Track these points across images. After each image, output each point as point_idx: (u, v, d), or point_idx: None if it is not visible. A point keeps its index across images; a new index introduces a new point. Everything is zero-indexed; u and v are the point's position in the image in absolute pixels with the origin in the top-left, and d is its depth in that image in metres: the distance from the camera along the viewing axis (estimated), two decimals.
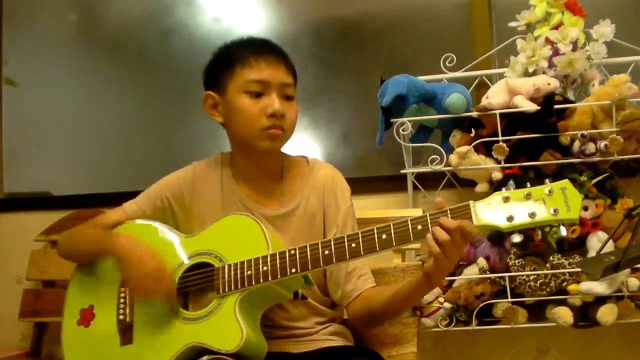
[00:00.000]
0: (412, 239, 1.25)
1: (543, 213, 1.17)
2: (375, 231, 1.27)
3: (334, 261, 1.30)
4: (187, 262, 1.42)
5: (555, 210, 1.16)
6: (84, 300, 1.49)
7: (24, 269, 2.50)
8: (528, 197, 1.18)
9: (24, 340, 2.56)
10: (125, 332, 1.41)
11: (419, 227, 1.25)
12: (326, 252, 1.30)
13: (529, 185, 1.20)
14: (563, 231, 1.21)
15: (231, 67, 1.49)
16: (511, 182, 1.23)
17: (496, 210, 1.20)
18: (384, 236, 1.26)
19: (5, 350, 2.47)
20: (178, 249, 1.45)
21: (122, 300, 1.44)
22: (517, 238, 1.86)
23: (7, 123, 2.84)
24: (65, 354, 1.47)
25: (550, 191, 1.17)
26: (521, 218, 1.18)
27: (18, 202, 2.76)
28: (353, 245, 1.28)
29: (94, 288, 1.49)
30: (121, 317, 1.42)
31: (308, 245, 1.32)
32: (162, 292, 1.35)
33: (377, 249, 1.27)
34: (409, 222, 1.25)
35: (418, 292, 1.38)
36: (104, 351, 1.42)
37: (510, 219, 1.18)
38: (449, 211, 1.23)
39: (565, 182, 1.19)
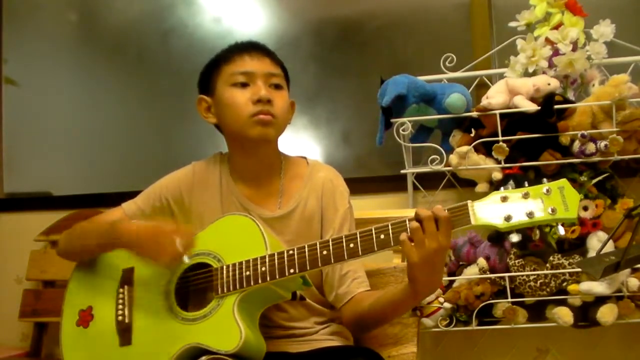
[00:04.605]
0: None
1: (541, 212, 1.16)
2: (373, 231, 1.27)
3: (332, 261, 1.29)
4: (186, 263, 1.42)
5: (553, 210, 1.16)
6: (83, 301, 1.49)
7: (24, 269, 2.51)
8: (526, 196, 1.18)
9: (24, 340, 2.56)
10: (124, 333, 1.41)
11: None
12: (324, 252, 1.29)
13: (527, 184, 1.20)
14: (561, 230, 1.20)
15: (218, 67, 1.53)
16: (511, 182, 1.23)
17: (494, 210, 1.19)
18: (382, 236, 1.26)
19: (5, 350, 2.48)
20: None
21: (120, 301, 1.44)
22: (515, 238, 1.84)
23: (7, 123, 2.84)
24: (64, 354, 1.47)
25: (548, 190, 1.17)
26: (519, 217, 1.17)
27: (18, 202, 2.76)
28: (351, 245, 1.28)
29: (93, 289, 1.49)
30: (120, 317, 1.42)
31: (306, 246, 1.31)
32: (177, 249, 1.32)
33: (375, 249, 1.26)
34: (407, 222, 1.25)
35: (404, 299, 1.34)
36: (103, 352, 1.42)
37: (508, 218, 1.18)
38: (446, 211, 1.23)
39: (563, 182, 1.18)
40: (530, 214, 1.17)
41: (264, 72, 1.50)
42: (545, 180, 1.20)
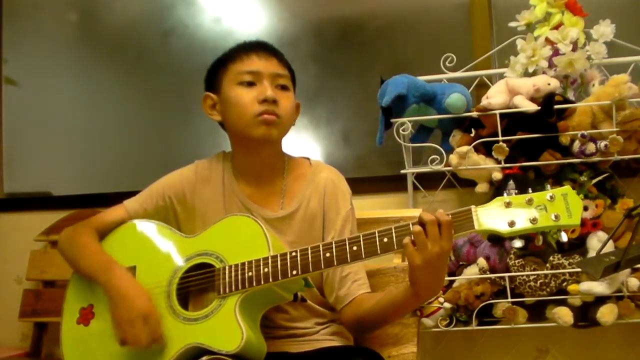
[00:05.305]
0: None
1: (544, 219, 1.17)
2: (376, 234, 1.27)
3: (335, 263, 1.29)
4: (187, 263, 1.42)
5: (556, 216, 1.16)
6: (84, 299, 1.49)
7: (24, 269, 2.50)
8: (529, 202, 1.18)
9: (24, 340, 2.56)
10: None
11: None
12: (327, 254, 1.29)
13: (530, 190, 1.20)
14: (564, 237, 1.20)
15: (224, 65, 1.53)
16: (511, 182, 1.23)
17: (497, 216, 1.19)
18: (385, 239, 1.26)
19: (5, 350, 2.47)
20: (179, 250, 1.45)
21: None
22: (518, 243, 1.86)
23: (7, 123, 2.84)
24: (64, 352, 1.47)
25: (551, 197, 1.17)
26: (522, 224, 1.18)
27: (18, 202, 2.76)
28: (354, 248, 1.28)
29: (94, 287, 1.48)
30: None
31: (309, 248, 1.31)
32: (145, 339, 1.31)
33: (379, 252, 1.26)
34: (411, 226, 1.25)
35: (405, 301, 1.33)
36: (103, 350, 1.42)
37: (511, 224, 1.18)
38: (450, 216, 1.23)
39: (567, 189, 1.19)
40: (533, 220, 1.17)
41: (270, 73, 1.50)
42: (548, 186, 1.20)
